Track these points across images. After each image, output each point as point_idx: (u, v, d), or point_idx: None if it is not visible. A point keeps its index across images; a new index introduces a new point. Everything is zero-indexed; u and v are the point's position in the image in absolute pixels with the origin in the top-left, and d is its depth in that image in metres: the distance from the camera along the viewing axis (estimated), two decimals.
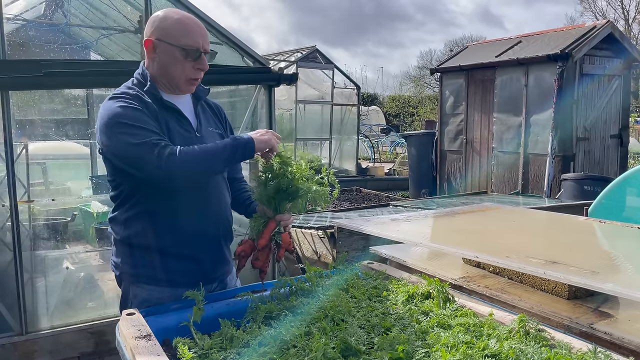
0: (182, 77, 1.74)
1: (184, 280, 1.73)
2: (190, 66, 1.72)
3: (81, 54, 4.95)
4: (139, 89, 1.73)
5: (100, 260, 4.42)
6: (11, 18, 4.03)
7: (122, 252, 1.80)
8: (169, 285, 1.76)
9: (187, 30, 1.70)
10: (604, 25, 7.62)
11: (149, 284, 1.76)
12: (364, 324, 1.41)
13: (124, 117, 1.62)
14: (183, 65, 1.71)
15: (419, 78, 34.55)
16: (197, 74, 1.75)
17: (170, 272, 1.76)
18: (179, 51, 1.70)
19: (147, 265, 1.75)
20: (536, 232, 2.58)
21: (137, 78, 1.78)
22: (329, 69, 12.21)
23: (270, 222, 1.73)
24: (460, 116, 8.84)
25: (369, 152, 17.06)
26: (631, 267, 1.93)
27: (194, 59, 1.72)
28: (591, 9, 31.41)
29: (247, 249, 1.75)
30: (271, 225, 1.73)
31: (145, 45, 1.73)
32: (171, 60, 1.71)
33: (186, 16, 1.74)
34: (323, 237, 4.41)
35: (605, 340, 1.50)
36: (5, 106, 2.98)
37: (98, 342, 3.29)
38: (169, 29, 1.70)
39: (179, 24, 1.70)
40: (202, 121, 1.85)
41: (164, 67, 1.73)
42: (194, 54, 1.71)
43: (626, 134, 8.24)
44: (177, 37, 1.69)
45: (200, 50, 1.72)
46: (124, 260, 1.79)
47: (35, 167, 4.99)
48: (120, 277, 1.84)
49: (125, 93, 1.70)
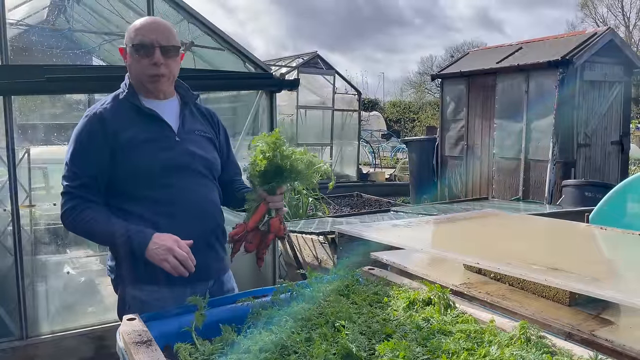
0: (142, 75, 1.78)
1: (180, 280, 1.70)
2: (147, 62, 1.74)
3: (83, 59, 4.97)
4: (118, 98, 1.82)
5: (100, 265, 4.42)
6: (14, 23, 4.04)
7: (114, 256, 1.84)
8: (166, 285, 1.76)
9: (139, 28, 1.75)
10: (604, 32, 7.65)
11: (146, 285, 1.77)
12: (364, 330, 1.41)
13: (72, 149, 1.76)
14: (139, 62, 1.76)
15: (419, 84, 34.62)
16: (153, 69, 1.75)
17: (165, 272, 1.71)
18: (132, 50, 1.75)
19: (143, 267, 1.74)
20: (537, 238, 2.58)
21: (122, 86, 1.86)
22: (330, 74, 12.24)
23: (261, 205, 1.76)
24: (461, 122, 8.86)
25: (369, 158, 17.06)
26: (632, 274, 1.93)
27: (147, 55, 1.74)
28: (592, 15, 31.56)
29: (240, 231, 1.77)
30: (262, 208, 1.76)
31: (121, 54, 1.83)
32: (132, 62, 1.78)
33: (146, 18, 1.82)
34: (324, 243, 4.40)
35: (606, 348, 1.50)
36: (8, 111, 2.99)
37: (98, 347, 3.29)
38: (128, 33, 1.78)
39: (134, 27, 1.77)
40: (186, 125, 1.87)
41: (130, 70, 1.81)
42: (146, 49, 1.73)
43: (627, 141, 8.24)
44: (132, 38, 1.75)
45: (154, 45, 1.73)
46: (119, 264, 1.81)
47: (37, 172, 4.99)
48: (116, 281, 1.85)
49: (90, 113, 1.79)
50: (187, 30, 4.00)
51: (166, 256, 1.61)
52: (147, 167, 1.74)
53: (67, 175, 1.75)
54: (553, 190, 7.28)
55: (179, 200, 1.78)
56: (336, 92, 12.61)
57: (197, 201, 1.83)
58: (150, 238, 1.63)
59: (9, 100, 2.99)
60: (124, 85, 1.84)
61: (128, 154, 1.73)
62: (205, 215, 1.86)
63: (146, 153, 1.74)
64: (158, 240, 1.63)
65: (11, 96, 3.01)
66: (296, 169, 1.74)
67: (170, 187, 1.77)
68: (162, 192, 1.76)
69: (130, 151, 1.74)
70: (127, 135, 1.74)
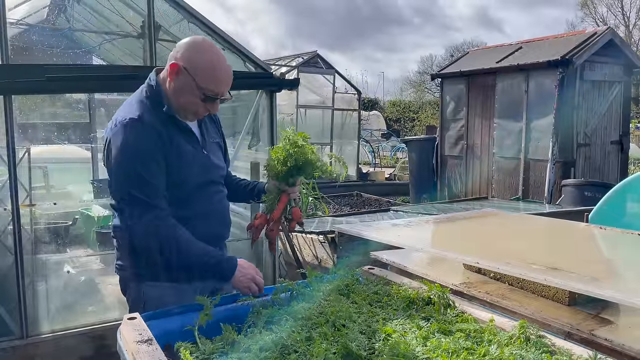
0: (191, 111, 1.79)
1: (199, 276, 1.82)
2: (203, 106, 1.77)
3: (84, 59, 4.97)
4: (153, 107, 1.76)
5: (101, 264, 4.43)
6: (14, 22, 4.04)
7: (129, 255, 1.82)
8: (185, 281, 1.82)
9: (216, 78, 1.73)
10: (604, 31, 7.65)
11: (163, 282, 1.80)
12: (364, 330, 1.42)
13: (138, 163, 1.67)
14: (196, 101, 1.75)
15: (419, 83, 34.61)
16: (205, 113, 1.81)
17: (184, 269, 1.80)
18: (199, 91, 1.72)
19: (161, 266, 1.78)
20: (537, 238, 2.58)
21: (150, 92, 1.79)
22: (330, 74, 12.24)
23: (282, 196, 1.95)
24: (461, 121, 8.86)
25: (369, 157, 17.06)
26: (631, 274, 1.94)
27: (208, 102, 1.76)
28: (592, 15, 31.54)
29: (263, 221, 1.96)
30: (284, 198, 1.95)
31: (170, 67, 1.74)
32: (188, 93, 1.74)
33: (220, 60, 1.75)
34: (324, 242, 4.41)
35: (605, 347, 1.50)
36: (8, 110, 2.99)
37: (98, 346, 3.29)
38: (199, 67, 1.71)
39: (211, 69, 1.72)
40: (206, 136, 1.93)
41: (178, 93, 1.76)
42: (212, 99, 1.75)
43: (627, 140, 8.25)
44: (204, 79, 1.71)
45: (218, 97, 1.76)
46: (135, 263, 1.81)
47: (37, 171, 5.01)
48: (127, 279, 1.85)
49: (140, 120, 1.71)
50: (187, 30, 4.00)
51: (249, 284, 1.72)
52: (185, 178, 1.80)
53: (140, 184, 1.68)
54: (553, 189, 7.28)
55: (208, 209, 1.88)
56: (336, 91, 12.61)
57: (221, 210, 1.97)
58: (237, 265, 1.73)
59: (10, 100, 3.00)
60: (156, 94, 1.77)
61: (173, 165, 1.76)
62: (225, 222, 2.00)
63: (185, 165, 1.78)
64: (242, 268, 1.74)
65: (11, 95, 3.01)
66: (315, 164, 1.96)
67: (201, 196, 1.86)
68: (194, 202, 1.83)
69: (175, 162, 1.76)
70: (173, 147, 1.76)
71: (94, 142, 6.01)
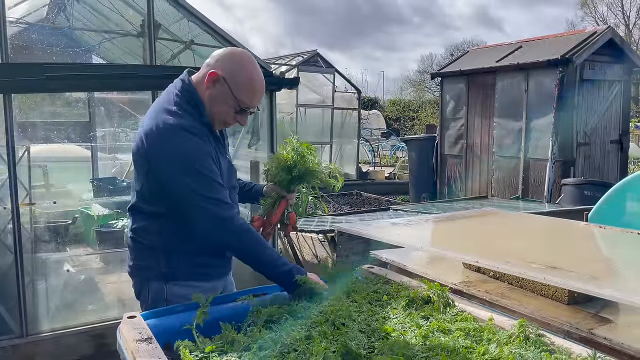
0: (222, 119, 1.83)
1: (216, 273, 1.90)
2: (234, 115, 1.82)
3: (83, 58, 4.97)
4: (194, 113, 1.77)
5: (100, 263, 4.43)
6: (14, 21, 4.04)
7: (153, 256, 1.82)
8: (206, 279, 1.85)
9: (253, 91, 1.79)
10: (604, 30, 7.64)
11: (187, 281, 1.81)
12: (364, 328, 1.42)
13: (202, 166, 1.69)
14: (229, 111, 1.80)
15: (419, 82, 34.60)
16: (234, 122, 1.86)
17: (207, 267, 1.86)
18: (234, 101, 1.78)
19: (185, 265, 1.81)
20: (536, 237, 2.58)
21: (187, 98, 1.78)
22: (330, 73, 12.23)
23: (282, 202, 2.04)
24: (461, 120, 8.86)
25: (369, 156, 17.05)
26: (631, 273, 1.94)
27: (240, 114, 1.82)
28: (592, 14, 31.51)
29: (260, 224, 2.04)
30: (283, 204, 2.04)
31: (209, 75, 1.76)
32: (222, 102, 1.78)
33: (258, 74, 1.81)
34: (323, 241, 4.41)
35: (604, 346, 1.51)
36: (8, 109, 2.99)
37: (98, 345, 3.30)
38: (238, 79, 1.76)
39: (250, 82, 1.78)
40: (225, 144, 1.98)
41: (213, 101, 1.79)
42: (244, 112, 1.82)
43: (626, 139, 8.24)
44: (241, 91, 1.77)
45: (251, 110, 1.83)
46: (158, 263, 1.81)
47: (37, 170, 5.01)
48: (147, 279, 1.84)
49: (193, 128, 1.72)
50: (186, 28, 4.00)
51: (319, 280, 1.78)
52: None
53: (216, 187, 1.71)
54: (552, 189, 7.28)
55: None
56: (336, 90, 12.59)
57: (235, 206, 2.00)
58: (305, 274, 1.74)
59: (9, 98, 3.00)
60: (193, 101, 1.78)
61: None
62: None
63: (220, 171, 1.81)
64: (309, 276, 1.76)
65: (11, 94, 3.01)
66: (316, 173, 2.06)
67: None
68: None
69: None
70: (213, 152, 1.79)
71: (94, 140, 6.01)
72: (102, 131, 6.32)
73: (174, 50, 4.34)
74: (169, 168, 1.69)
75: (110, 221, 4.75)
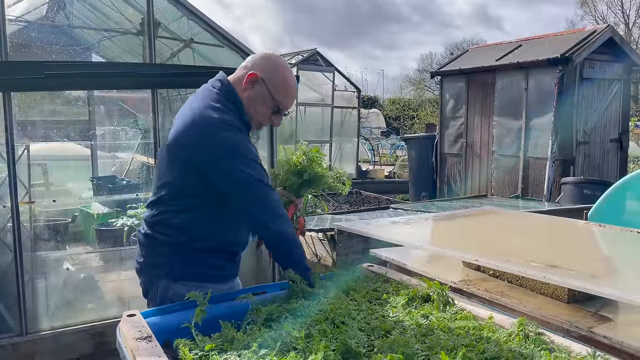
0: (258, 119, 1.88)
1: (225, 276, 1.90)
2: (269, 118, 1.89)
3: (83, 56, 4.96)
4: (236, 112, 1.80)
5: (100, 262, 4.42)
6: (13, 19, 4.03)
7: (165, 253, 1.82)
8: (216, 281, 1.83)
9: (289, 93, 1.88)
10: (604, 29, 7.64)
11: (196, 282, 1.78)
12: (364, 327, 1.42)
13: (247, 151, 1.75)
14: (266, 112, 1.87)
15: (419, 81, 34.59)
16: (268, 123, 1.92)
17: (218, 269, 1.87)
18: (272, 102, 1.84)
19: (197, 265, 1.81)
20: (536, 235, 2.58)
21: (228, 97, 1.82)
22: (330, 71, 12.22)
23: (291, 206, 2.05)
24: (461, 119, 8.85)
25: (369, 155, 17.06)
26: (630, 271, 1.94)
27: (275, 114, 1.89)
28: (591, 13, 31.51)
29: None
30: (292, 208, 2.05)
31: (248, 76, 1.82)
32: (260, 102, 1.84)
33: (293, 77, 1.91)
34: (323, 240, 4.41)
35: (604, 344, 1.51)
36: (7, 107, 2.99)
37: (98, 343, 3.30)
38: (276, 81, 1.84)
39: (286, 84, 1.87)
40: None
41: (251, 101, 1.84)
42: (279, 113, 1.90)
43: (626, 138, 8.24)
44: (279, 93, 1.84)
45: (284, 111, 1.91)
46: (170, 261, 1.81)
47: (37, 168, 5.00)
48: (157, 277, 1.83)
49: (235, 124, 1.77)
50: (186, 27, 4.00)
51: None
52: None
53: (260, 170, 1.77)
54: (552, 187, 7.28)
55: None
56: (335, 89, 12.58)
57: None
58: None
59: (9, 97, 2.99)
60: (234, 101, 1.82)
61: None
62: None
63: None
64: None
65: (10, 92, 3.01)
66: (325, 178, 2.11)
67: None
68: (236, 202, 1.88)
69: None
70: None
71: (94, 139, 6.01)
72: (101, 130, 6.32)
73: (173, 48, 4.34)
74: (215, 157, 1.72)
75: (110, 220, 4.74)
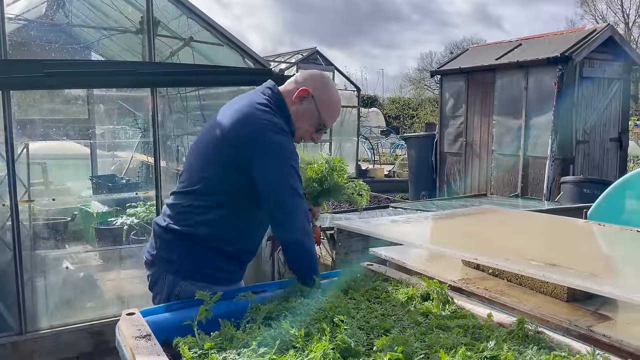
0: (300, 134, 1.92)
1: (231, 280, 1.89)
2: (312, 132, 1.93)
3: (82, 54, 4.95)
4: (285, 121, 1.83)
5: (100, 260, 4.43)
6: (13, 18, 4.02)
7: (180, 249, 1.81)
8: (222, 284, 1.81)
9: (335, 114, 1.96)
10: (604, 28, 7.63)
11: (204, 282, 1.77)
12: (363, 325, 1.42)
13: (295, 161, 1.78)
14: (309, 128, 1.92)
15: (418, 80, 34.59)
16: (308, 139, 1.97)
17: (226, 272, 1.86)
18: (317, 119, 1.90)
19: (207, 267, 1.80)
20: (535, 234, 2.58)
21: (277, 105, 1.85)
22: (329, 70, 12.21)
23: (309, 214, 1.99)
24: (460, 118, 8.85)
25: (368, 154, 17.05)
26: (630, 270, 1.94)
27: (318, 131, 1.95)
28: (591, 12, 31.51)
29: None
30: (309, 216, 1.99)
31: (299, 92, 1.87)
32: (307, 118, 1.90)
33: (339, 96, 1.98)
34: (323, 238, 4.41)
35: (604, 343, 1.51)
36: (6, 106, 2.98)
37: (97, 342, 3.29)
38: (325, 100, 1.90)
39: (334, 105, 1.94)
40: None
41: (298, 116, 1.89)
42: (322, 129, 1.95)
43: (626, 137, 8.24)
44: (326, 111, 1.91)
45: (326, 129, 1.97)
46: (184, 258, 1.81)
47: (36, 167, 5.00)
48: (167, 271, 1.82)
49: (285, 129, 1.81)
50: (186, 25, 3.99)
51: None
52: None
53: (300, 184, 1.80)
54: (551, 186, 7.28)
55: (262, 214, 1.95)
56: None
57: None
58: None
59: (8, 95, 2.99)
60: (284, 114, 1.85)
61: None
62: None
63: None
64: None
65: (10, 91, 3.00)
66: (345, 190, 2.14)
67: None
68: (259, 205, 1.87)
69: None
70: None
71: (93, 138, 6.00)
72: (101, 128, 6.31)
73: (173, 47, 4.34)
74: (264, 155, 1.73)
75: (110, 218, 4.74)
